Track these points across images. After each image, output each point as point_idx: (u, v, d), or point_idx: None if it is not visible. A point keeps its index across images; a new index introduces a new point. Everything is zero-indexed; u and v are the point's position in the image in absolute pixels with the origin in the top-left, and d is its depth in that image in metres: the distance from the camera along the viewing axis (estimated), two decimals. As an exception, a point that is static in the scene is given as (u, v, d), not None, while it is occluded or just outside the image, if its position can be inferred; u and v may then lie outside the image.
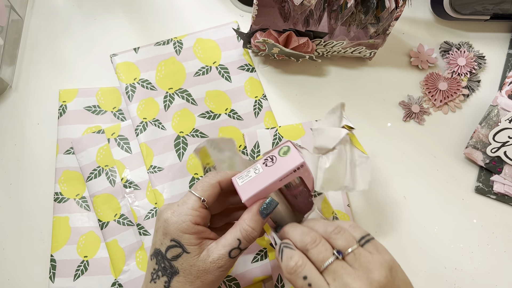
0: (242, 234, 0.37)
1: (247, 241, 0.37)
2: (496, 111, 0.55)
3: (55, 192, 0.51)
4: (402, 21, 0.62)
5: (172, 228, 0.36)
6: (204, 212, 0.37)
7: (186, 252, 0.36)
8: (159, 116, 0.54)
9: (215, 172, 0.40)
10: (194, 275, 0.36)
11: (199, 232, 0.37)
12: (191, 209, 0.37)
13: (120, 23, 0.61)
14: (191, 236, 0.36)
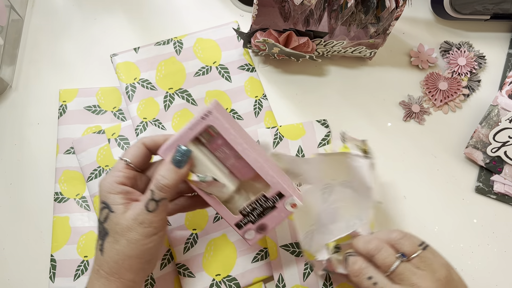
0: (154, 184, 0.37)
1: (158, 189, 0.37)
2: (496, 111, 0.55)
3: (55, 192, 0.51)
4: (402, 21, 0.62)
5: (101, 191, 0.38)
6: (130, 173, 0.39)
7: (111, 212, 0.37)
8: (159, 116, 0.54)
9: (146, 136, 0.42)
10: (119, 234, 0.36)
11: (124, 192, 0.38)
12: (116, 171, 0.39)
13: (120, 23, 0.61)
14: (116, 195, 0.37)
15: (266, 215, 0.40)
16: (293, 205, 0.40)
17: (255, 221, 0.40)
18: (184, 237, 0.49)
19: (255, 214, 0.40)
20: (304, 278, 0.48)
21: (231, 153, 0.40)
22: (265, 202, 0.40)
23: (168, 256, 0.49)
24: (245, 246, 0.49)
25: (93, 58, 0.59)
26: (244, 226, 0.41)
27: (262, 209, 0.40)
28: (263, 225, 0.41)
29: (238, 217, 0.40)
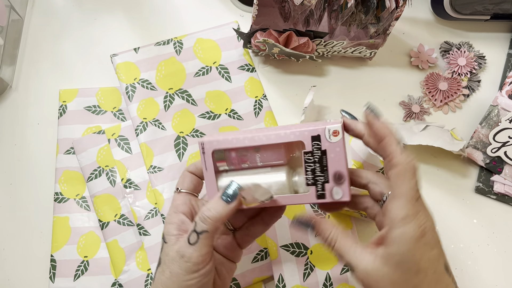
0: (198, 215, 0.35)
1: (201, 220, 0.35)
2: (496, 111, 0.55)
3: (55, 192, 0.51)
4: (402, 21, 0.62)
5: (165, 223, 0.39)
6: (186, 198, 0.39)
7: (165, 242, 0.37)
8: (159, 116, 0.54)
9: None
10: (166, 264, 0.35)
11: (180, 222, 0.37)
12: (174, 201, 0.39)
13: (120, 23, 0.61)
14: (171, 226, 0.37)
15: (327, 164, 0.35)
16: (335, 133, 0.35)
17: (327, 177, 0.35)
18: (184, 237, 0.49)
19: (319, 172, 0.35)
20: (304, 278, 0.48)
21: (251, 152, 0.37)
22: (312, 155, 0.35)
23: (168, 256, 0.49)
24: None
25: (93, 58, 0.59)
26: (325, 192, 0.35)
27: (318, 163, 0.35)
28: (336, 174, 0.35)
29: (311, 191, 0.36)
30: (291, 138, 0.35)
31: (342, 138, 0.35)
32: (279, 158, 0.37)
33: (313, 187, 0.36)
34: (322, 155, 0.35)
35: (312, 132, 0.35)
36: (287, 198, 0.36)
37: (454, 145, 0.51)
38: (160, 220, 0.50)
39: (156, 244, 0.49)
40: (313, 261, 0.48)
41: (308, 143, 0.35)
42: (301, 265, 0.48)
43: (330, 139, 0.35)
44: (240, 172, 0.38)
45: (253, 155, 0.37)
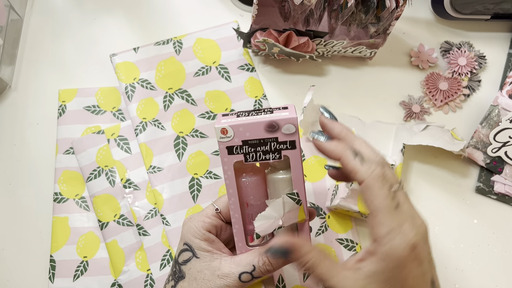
0: (259, 262, 0.35)
1: (261, 271, 0.35)
2: (496, 111, 0.55)
3: (55, 192, 0.51)
4: (402, 21, 0.62)
5: (185, 232, 0.37)
6: (217, 222, 0.38)
7: (196, 257, 0.36)
8: (158, 116, 0.54)
9: None
10: (197, 283, 0.35)
11: (209, 239, 0.37)
12: (204, 216, 0.38)
13: (119, 23, 0.61)
14: (202, 241, 0.36)
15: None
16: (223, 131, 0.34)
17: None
18: (184, 238, 0.49)
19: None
20: (304, 279, 0.48)
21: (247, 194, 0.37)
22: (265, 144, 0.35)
23: (168, 257, 0.49)
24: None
25: (93, 58, 0.59)
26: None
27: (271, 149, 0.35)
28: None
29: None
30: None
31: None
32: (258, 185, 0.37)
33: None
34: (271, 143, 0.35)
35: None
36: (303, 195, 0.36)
37: (455, 145, 0.51)
38: (160, 220, 0.50)
39: (156, 244, 0.49)
40: (313, 261, 0.48)
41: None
42: (301, 266, 0.48)
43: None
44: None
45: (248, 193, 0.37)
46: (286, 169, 0.36)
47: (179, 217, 0.50)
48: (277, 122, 0.33)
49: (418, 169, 0.54)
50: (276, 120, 0.33)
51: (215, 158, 0.53)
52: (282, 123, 0.33)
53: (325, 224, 0.50)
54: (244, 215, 0.37)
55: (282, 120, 0.33)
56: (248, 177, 0.37)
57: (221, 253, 0.36)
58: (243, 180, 0.37)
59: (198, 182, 0.52)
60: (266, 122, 0.33)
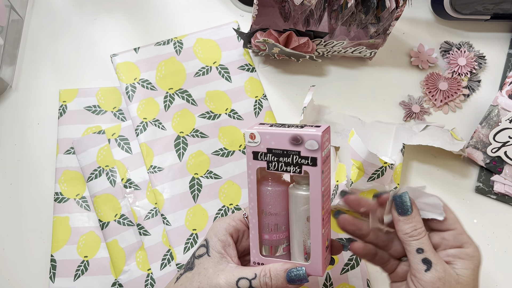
0: (261, 274, 0.35)
1: (261, 283, 0.35)
2: (496, 111, 0.55)
3: (55, 192, 0.51)
4: (402, 21, 0.62)
5: (211, 229, 0.39)
6: (241, 226, 0.39)
7: (208, 255, 0.37)
8: (159, 116, 0.54)
9: None
10: (199, 277, 0.36)
11: (226, 243, 0.37)
12: (231, 219, 0.39)
13: (120, 23, 0.61)
14: (218, 241, 0.37)
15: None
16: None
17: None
18: (184, 237, 0.49)
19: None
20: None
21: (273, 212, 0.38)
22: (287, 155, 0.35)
23: (168, 256, 0.49)
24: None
25: (93, 58, 0.59)
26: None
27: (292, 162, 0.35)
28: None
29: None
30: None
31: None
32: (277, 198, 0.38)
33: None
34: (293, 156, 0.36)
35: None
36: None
37: (454, 145, 0.51)
38: (160, 220, 0.50)
39: (157, 244, 0.49)
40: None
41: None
42: (301, 265, 0.48)
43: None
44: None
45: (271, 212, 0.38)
46: (308, 185, 0.36)
47: (179, 217, 0.50)
48: (302, 136, 0.34)
49: (418, 169, 0.54)
50: (301, 134, 0.34)
51: (215, 158, 0.53)
52: (306, 138, 0.34)
53: None
54: (261, 223, 0.37)
55: (306, 135, 0.34)
56: (271, 186, 0.37)
57: (230, 260, 0.37)
58: (266, 188, 0.37)
59: (198, 182, 0.52)
60: (291, 134, 0.34)
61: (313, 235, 0.35)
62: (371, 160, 0.45)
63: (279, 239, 0.38)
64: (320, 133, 0.33)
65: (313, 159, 0.34)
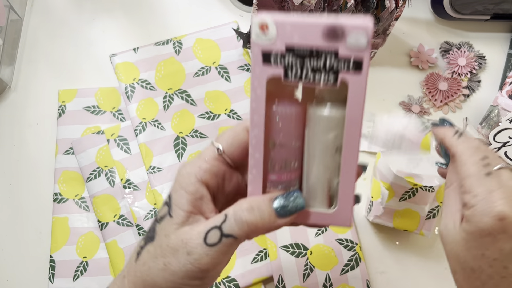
0: (233, 210, 0.26)
1: (236, 222, 0.26)
2: (496, 111, 0.55)
3: (55, 193, 0.51)
4: (402, 21, 0.62)
5: (175, 180, 0.28)
6: (218, 167, 0.28)
7: (169, 215, 0.27)
8: (158, 116, 0.54)
9: None
10: (162, 249, 0.27)
11: (198, 196, 0.27)
12: (202, 160, 0.28)
13: (119, 23, 0.61)
14: (185, 195, 0.27)
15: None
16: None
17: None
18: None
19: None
20: (304, 279, 0.48)
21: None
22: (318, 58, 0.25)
23: (168, 257, 0.49)
24: (245, 247, 0.49)
25: (92, 58, 0.58)
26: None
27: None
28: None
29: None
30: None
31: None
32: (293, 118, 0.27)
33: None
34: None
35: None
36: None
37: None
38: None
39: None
40: (313, 261, 0.48)
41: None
42: (301, 266, 0.48)
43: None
44: None
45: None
46: (338, 104, 0.26)
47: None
48: (343, 28, 0.23)
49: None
50: (342, 24, 0.23)
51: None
52: (350, 30, 0.23)
53: None
54: (267, 159, 0.27)
55: (351, 27, 0.23)
56: (282, 106, 0.26)
57: (200, 217, 0.27)
58: (275, 110, 0.26)
59: (197, 183, 0.52)
60: (326, 25, 0.23)
61: (345, 171, 0.26)
62: (399, 182, 0.45)
63: (290, 179, 0.28)
64: (371, 24, 0.23)
65: (358, 63, 0.24)
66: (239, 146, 0.28)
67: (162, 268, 0.26)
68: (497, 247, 0.26)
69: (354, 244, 0.49)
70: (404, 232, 0.50)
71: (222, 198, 0.29)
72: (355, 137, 0.25)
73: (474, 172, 0.27)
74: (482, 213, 0.26)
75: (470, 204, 0.27)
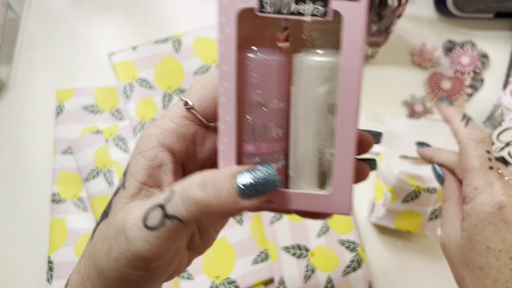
0: (181, 186, 0.21)
1: (182, 200, 0.20)
2: (499, 111, 0.54)
3: (52, 193, 0.51)
4: (404, 19, 0.61)
5: (136, 144, 0.23)
6: (187, 127, 0.22)
7: (123, 187, 0.22)
8: (157, 115, 0.53)
9: None
10: (108, 230, 0.22)
11: (154, 161, 0.22)
12: (168, 118, 0.23)
13: (118, 22, 0.60)
14: (141, 162, 0.22)
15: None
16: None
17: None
18: (183, 239, 0.49)
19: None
20: (305, 280, 0.47)
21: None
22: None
23: (167, 258, 0.48)
24: (245, 248, 0.48)
25: (91, 57, 0.58)
26: None
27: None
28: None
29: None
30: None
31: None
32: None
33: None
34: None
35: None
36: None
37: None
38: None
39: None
40: (314, 263, 0.48)
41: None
42: (302, 267, 0.48)
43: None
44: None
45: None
46: (332, 47, 0.21)
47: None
48: None
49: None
50: None
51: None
52: None
53: (326, 225, 0.49)
54: (241, 123, 0.21)
55: None
56: (261, 52, 0.21)
57: (156, 190, 0.22)
58: (251, 58, 0.21)
59: (197, 183, 0.51)
60: None
61: (341, 138, 0.20)
62: (402, 185, 0.45)
63: (273, 151, 0.22)
64: None
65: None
66: (214, 99, 0.22)
67: (106, 252, 0.22)
68: (500, 237, 0.27)
69: (356, 245, 0.49)
70: (407, 233, 0.50)
71: (195, 167, 0.24)
72: (354, 91, 0.20)
73: (477, 165, 0.29)
74: (483, 203, 0.28)
75: (470, 196, 0.28)
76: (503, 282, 0.27)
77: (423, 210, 0.46)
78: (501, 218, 0.27)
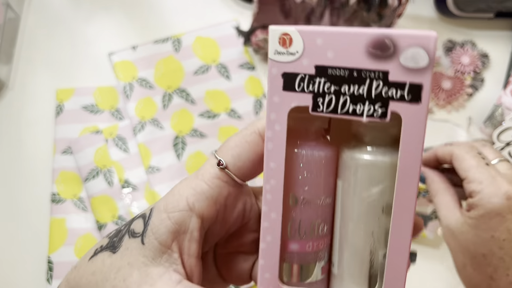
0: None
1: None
2: (500, 110, 0.54)
3: (52, 193, 0.51)
4: (405, 19, 0.61)
5: (165, 196, 0.22)
6: (220, 189, 0.21)
7: (142, 241, 0.21)
8: (157, 115, 0.53)
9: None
10: (115, 278, 0.21)
11: (181, 226, 0.20)
12: (200, 178, 0.21)
13: (118, 21, 0.60)
14: (166, 223, 0.20)
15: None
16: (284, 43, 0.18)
17: None
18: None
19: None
20: (305, 281, 0.47)
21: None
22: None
23: (167, 258, 0.48)
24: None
25: (91, 57, 0.58)
26: None
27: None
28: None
29: None
30: None
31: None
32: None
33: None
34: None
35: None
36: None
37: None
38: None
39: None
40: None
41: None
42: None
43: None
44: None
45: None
46: (386, 146, 0.20)
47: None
48: (394, 40, 0.17)
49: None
50: (392, 36, 0.17)
51: (214, 158, 0.52)
52: (404, 43, 0.17)
53: None
54: (286, 221, 0.21)
55: (404, 38, 0.17)
56: (309, 149, 0.20)
57: (178, 261, 0.20)
58: (299, 153, 0.20)
59: (197, 183, 0.51)
60: (373, 36, 0.17)
61: (395, 240, 0.19)
62: None
63: (317, 250, 0.21)
64: (435, 36, 0.17)
65: (416, 87, 0.17)
66: (249, 158, 0.21)
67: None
68: (505, 227, 0.28)
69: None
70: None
71: (221, 229, 0.22)
72: (411, 193, 0.18)
73: (475, 163, 0.30)
74: (490, 195, 0.29)
75: (476, 190, 0.29)
76: (505, 270, 0.28)
77: (423, 210, 0.46)
78: (508, 210, 0.28)
